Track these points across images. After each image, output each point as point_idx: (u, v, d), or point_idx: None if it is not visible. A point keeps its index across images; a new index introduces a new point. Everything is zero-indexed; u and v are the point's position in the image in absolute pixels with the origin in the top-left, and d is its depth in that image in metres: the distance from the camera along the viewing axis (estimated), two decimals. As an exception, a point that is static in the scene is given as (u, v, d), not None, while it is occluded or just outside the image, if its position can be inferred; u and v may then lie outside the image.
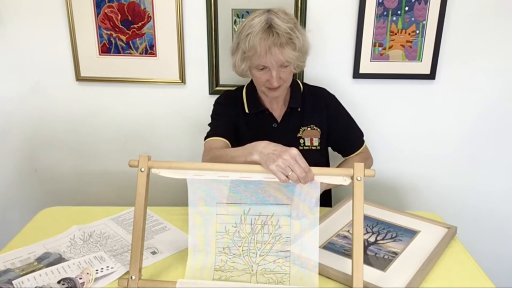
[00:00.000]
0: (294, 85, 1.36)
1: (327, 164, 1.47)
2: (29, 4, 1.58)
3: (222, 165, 0.93)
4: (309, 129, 1.35)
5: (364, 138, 1.44)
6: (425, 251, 1.04)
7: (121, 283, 0.92)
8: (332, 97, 1.40)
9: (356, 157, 1.40)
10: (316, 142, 1.35)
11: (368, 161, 1.42)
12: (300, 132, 1.35)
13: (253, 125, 1.36)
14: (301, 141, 1.34)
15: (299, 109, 1.35)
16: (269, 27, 1.17)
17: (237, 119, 1.36)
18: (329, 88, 1.42)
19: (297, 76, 1.58)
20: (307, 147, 1.35)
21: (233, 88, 1.44)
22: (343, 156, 1.44)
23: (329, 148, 1.45)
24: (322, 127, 1.36)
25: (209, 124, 1.36)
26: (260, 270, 0.95)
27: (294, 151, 0.92)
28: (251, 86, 1.37)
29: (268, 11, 1.21)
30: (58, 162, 1.81)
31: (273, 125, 1.35)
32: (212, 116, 1.39)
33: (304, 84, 1.41)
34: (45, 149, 1.79)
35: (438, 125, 1.67)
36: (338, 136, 1.39)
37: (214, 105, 1.40)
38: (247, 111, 1.36)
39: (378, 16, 1.51)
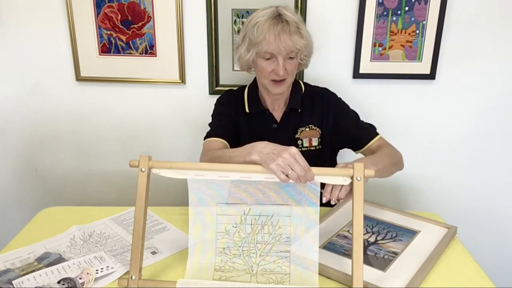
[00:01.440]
0: (295, 86, 1.36)
1: (330, 164, 1.46)
2: (29, 4, 1.58)
3: (223, 165, 0.93)
4: (307, 129, 1.34)
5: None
6: (425, 251, 1.04)
7: (121, 283, 0.92)
8: (332, 95, 1.39)
9: (385, 149, 1.26)
10: (315, 142, 1.35)
11: (398, 153, 1.28)
12: (298, 133, 1.34)
13: (253, 125, 1.35)
14: (299, 142, 1.34)
15: (299, 110, 1.35)
16: (279, 15, 1.20)
17: (238, 118, 1.36)
18: (329, 88, 1.41)
19: (298, 76, 1.58)
20: (306, 148, 1.34)
21: (235, 88, 1.44)
22: (360, 148, 1.32)
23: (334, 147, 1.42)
24: (323, 127, 1.35)
25: (210, 124, 1.36)
26: (260, 270, 0.95)
27: (293, 150, 0.92)
28: (253, 86, 1.37)
29: (276, 7, 1.23)
30: (58, 162, 1.81)
31: (273, 126, 1.35)
32: (213, 115, 1.39)
33: (306, 84, 1.41)
34: (45, 149, 1.79)
35: (438, 125, 1.67)
36: (349, 131, 1.33)
37: (216, 104, 1.40)
38: (247, 110, 1.35)
39: (378, 16, 1.51)
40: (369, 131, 1.33)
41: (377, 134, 1.33)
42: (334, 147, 1.40)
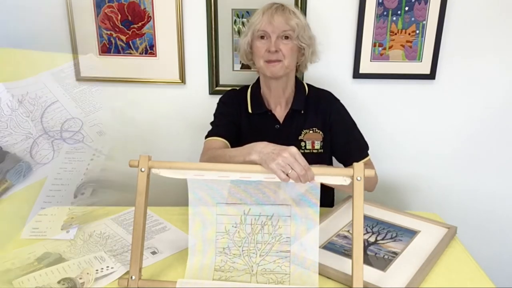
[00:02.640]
0: (299, 87, 1.36)
1: None
2: (29, 4, 1.58)
3: (223, 165, 0.93)
4: (311, 132, 1.34)
5: (369, 152, 1.36)
6: (425, 251, 1.04)
7: (121, 283, 0.92)
8: (336, 100, 1.38)
9: None
10: (317, 145, 1.34)
11: (371, 178, 1.27)
12: (302, 135, 1.34)
13: (255, 126, 1.35)
14: (302, 144, 1.33)
15: (302, 112, 1.34)
16: (276, 3, 1.26)
17: (240, 119, 1.35)
18: (329, 88, 1.41)
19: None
20: (308, 150, 1.33)
21: (237, 88, 1.44)
22: (348, 165, 1.33)
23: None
24: (325, 130, 1.34)
25: (211, 123, 1.36)
26: (260, 270, 0.95)
27: (293, 149, 0.92)
28: (256, 86, 1.37)
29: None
30: (58, 162, 1.80)
31: (276, 126, 1.35)
32: (215, 114, 1.38)
33: (309, 86, 1.40)
34: (45, 149, 1.79)
35: (438, 125, 1.67)
36: (339, 142, 1.34)
37: (218, 103, 1.40)
38: (250, 111, 1.35)
39: (378, 16, 1.51)
40: (359, 152, 1.33)
41: (367, 155, 1.34)
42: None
